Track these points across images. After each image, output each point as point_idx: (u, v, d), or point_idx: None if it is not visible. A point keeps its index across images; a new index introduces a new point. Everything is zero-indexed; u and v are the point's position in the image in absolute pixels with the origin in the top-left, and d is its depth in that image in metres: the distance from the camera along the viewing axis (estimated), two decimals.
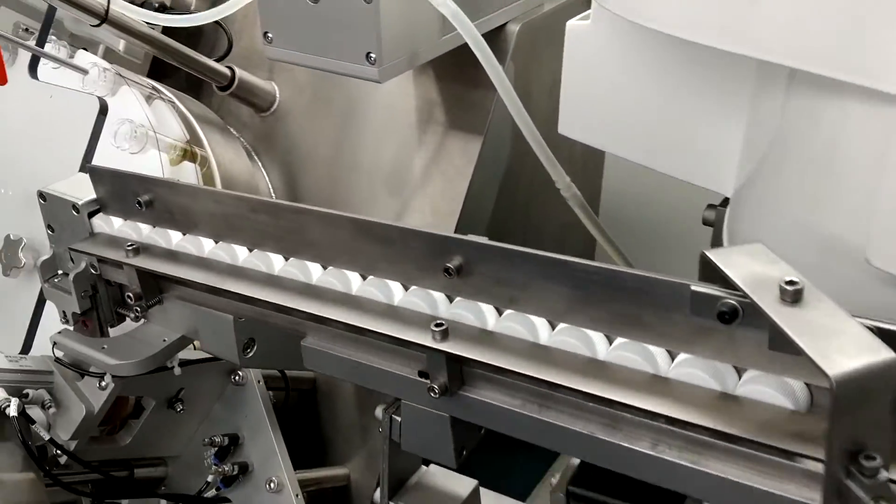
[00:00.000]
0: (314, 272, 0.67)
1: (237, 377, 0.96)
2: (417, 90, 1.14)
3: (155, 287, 0.77)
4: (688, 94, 0.80)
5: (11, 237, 0.96)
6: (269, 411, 0.97)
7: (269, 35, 0.91)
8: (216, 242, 0.74)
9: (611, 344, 0.53)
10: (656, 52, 0.80)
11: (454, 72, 1.09)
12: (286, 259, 0.69)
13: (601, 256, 1.62)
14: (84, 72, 0.96)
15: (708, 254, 0.48)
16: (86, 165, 0.79)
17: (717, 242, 0.88)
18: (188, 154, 1.03)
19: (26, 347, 0.93)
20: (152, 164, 0.97)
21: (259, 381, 0.96)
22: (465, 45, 0.88)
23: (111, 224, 0.80)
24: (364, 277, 0.64)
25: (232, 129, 1.24)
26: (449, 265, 0.56)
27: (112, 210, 0.80)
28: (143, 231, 0.78)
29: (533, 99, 1.10)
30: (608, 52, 0.85)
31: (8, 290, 0.99)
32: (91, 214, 0.81)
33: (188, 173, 1.01)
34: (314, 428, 1.14)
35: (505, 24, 1.06)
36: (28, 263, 0.96)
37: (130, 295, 0.77)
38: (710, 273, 0.48)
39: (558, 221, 1.33)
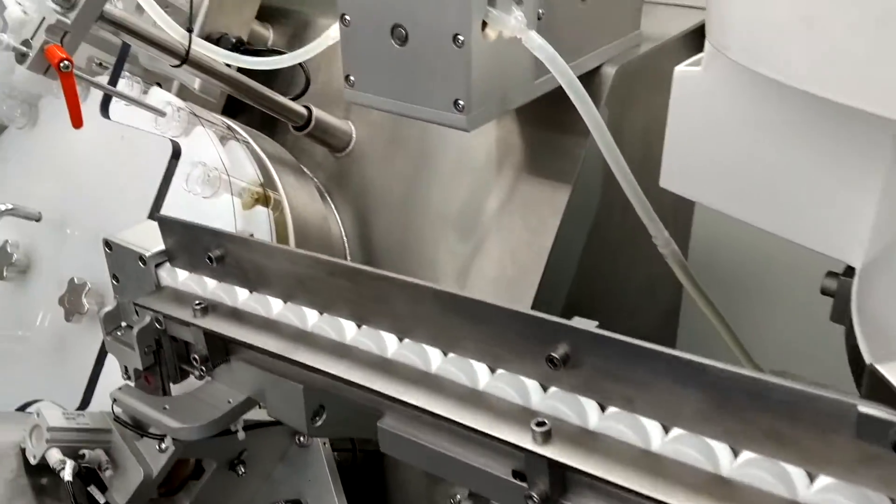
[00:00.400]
0: (389, 344, 0.61)
1: (301, 438, 0.90)
2: (499, 133, 1.08)
3: (222, 348, 0.72)
4: (814, 154, 0.72)
5: (76, 281, 0.93)
6: (334, 475, 0.91)
7: (352, 78, 0.86)
8: (285, 302, 0.68)
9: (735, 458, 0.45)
10: (781, 106, 0.71)
11: (540, 115, 1.03)
12: (359, 326, 0.63)
13: (688, 308, 1.53)
14: (160, 113, 0.93)
15: (879, 368, 0.40)
16: (155, 214, 0.74)
17: (839, 317, 0.79)
18: (261, 198, 0.98)
19: (85, 401, 0.90)
20: (224, 208, 0.93)
21: (325, 444, 0.90)
22: (555, 88, 0.82)
23: (177, 277, 0.76)
24: (445, 353, 0.58)
25: (306, 170, 1.20)
26: (554, 354, 0.49)
27: (179, 262, 0.76)
28: (209, 286, 0.73)
29: (625, 145, 1.02)
30: (722, 102, 0.77)
31: (69, 336, 0.95)
32: (158, 265, 0.77)
33: (260, 218, 0.97)
34: (380, 494, 1.08)
35: (600, 67, 1.00)
36: (91, 309, 0.93)
37: (196, 357, 0.72)
38: (879, 386, 0.40)
39: (646, 271, 1.24)
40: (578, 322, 0.50)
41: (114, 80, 0.92)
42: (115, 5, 0.93)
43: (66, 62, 0.78)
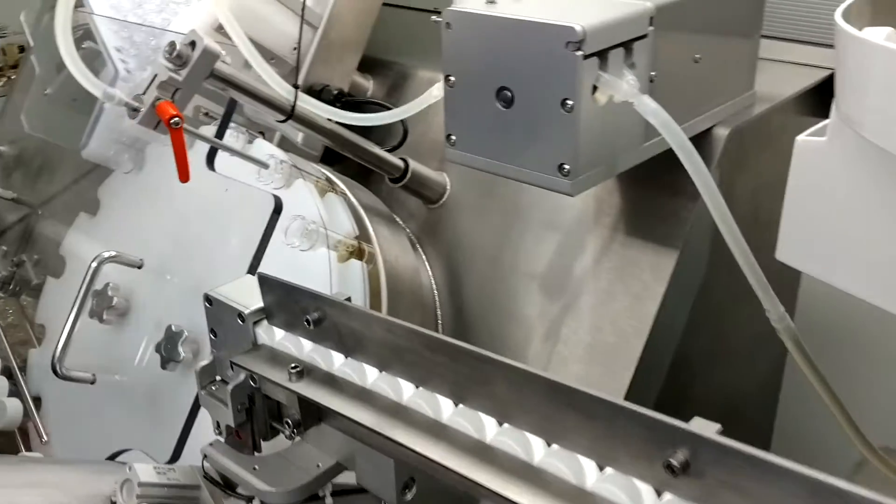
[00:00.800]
0: (489, 428, 0.58)
1: None
2: (597, 191, 1.05)
3: (314, 413, 0.71)
4: None
5: (173, 328, 0.95)
6: None
7: (454, 138, 0.85)
8: (381, 371, 0.67)
9: None
10: None
11: (642, 175, 0.99)
12: (456, 405, 0.61)
13: (791, 370, 1.45)
14: (264, 165, 0.94)
15: None
16: (257, 273, 0.74)
17: None
18: (356, 251, 0.98)
19: (176, 453, 0.90)
20: (320, 261, 0.93)
21: None
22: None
23: (274, 336, 0.76)
24: (549, 444, 0.55)
25: (399, 220, 1.20)
26: (672, 461, 0.46)
27: (277, 321, 0.76)
28: (305, 348, 0.73)
29: (734, 208, 0.98)
30: (847, 176, 0.73)
31: (164, 384, 0.97)
32: (255, 323, 0.77)
33: (355, 271, 0.96)
34: None
35: (711, 128, 0.96)
36: (187, 357, 0.94)
37: (289, 421, 0.72)
38: None
39: (750, 332, 1.18)
40: (699, 426, 0.46)
41: (220, 134, 0.94)
42: (223, 61, 0.95)
43: (176, 119, 0.79)
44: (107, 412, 1.02)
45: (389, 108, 1.17)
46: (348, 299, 0.72)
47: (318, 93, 1.17)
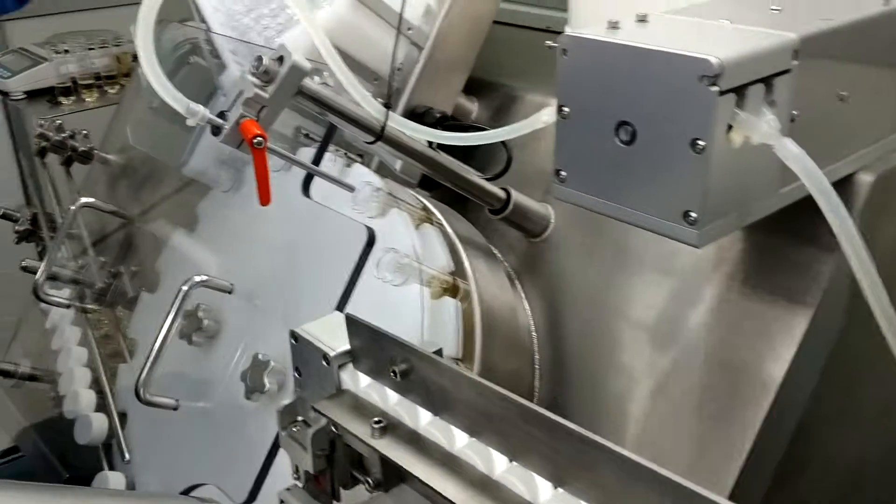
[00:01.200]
0: None
1: None
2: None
3: (397, 472, 0.66)
4: None
5: (260, 357, 0.91)
6: None
7: (563, 174, 0.78)
8: (470, 436, 0.61)
9: None
10: None
11: (771, 221, 0.90)
12: (555, 487, 0.54)
13: None
14: (350, 189, 0.90)
15: None
16: (345, 313, 0.69)
17: None
18: (450, 288, 0.92)
19: (253, 494, 0.87)
20: (412, 297, 0.88)
21: None
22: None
23: (359, 382, 0.71)
24: None
25: (497, 253, 1.13)
26: None
27: (363, 366, 0.71)
28: (390, 400, 0.67)
29: (876, 263, 0.87)
30: None
31: (247, 416, 0.93)
32: (341, 366, 0.72)
33: (448, 309, 0.91)
34: None
35: (853, 174, 0.85)
36: (271, 389, 0.90)
37: (370, 480, 0.66)
38: None
39: (882, 394, 1.07)
40: None
41: (318, 158, 0.91)
42: (325, 81, 0.92)
43: (259, 138, 0.76)
44: (188, 438, 1.00)
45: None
46: (439, 351, 0.66)
47: (420, 115, 1.13)
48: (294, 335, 0.75)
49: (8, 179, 1.63)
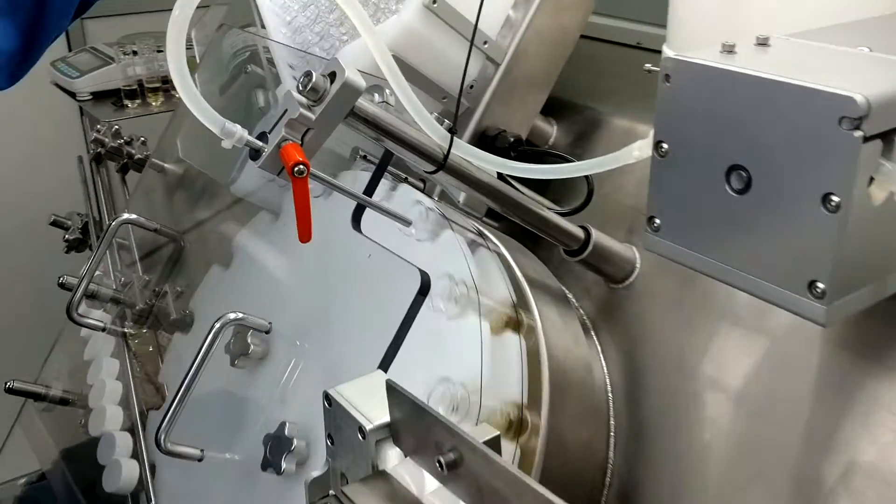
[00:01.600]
0: None
1: None
2: None
3: None
4: None
5: (287, 429, 0.81)
6: None
7: (657, 221, 0.66)
8: None
9: None
10: None
11: None
12: None
13: None
14: (406, 222, 0.79)
15: None
16: (386, 380, 0.59)
17: None
18: (512, 322, 0.81)
19: None
20: (470, 331, 0.77)
21: None
22: None
23: (398, 464, 0.60)
24: None
25: (571, 297, 1.01)
26: None
27: (404, 445, 0.60)
28: (433, 493, 0.56)
29: None
30: None
31: (271, 484, 0.83)
32: (378, 441, 0.61)
33: (510, 346, 0.80)
34: None
35: None
36: (289, 470, 0.79)
37: None
38: None
39: None
40: None
41: (371, 187, 0.80)
42: (386, 101, 0.82)
43: (301, 166, 0.66)
44: (214, 495, 0.91)
45: (569, 160, 1.00)
46: (496, 439, 0.55)
47: (492, 139, 1.02)
48: (328, 397, 0.64)
49: (73, 184, 1.59)
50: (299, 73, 1.02)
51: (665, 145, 0.64)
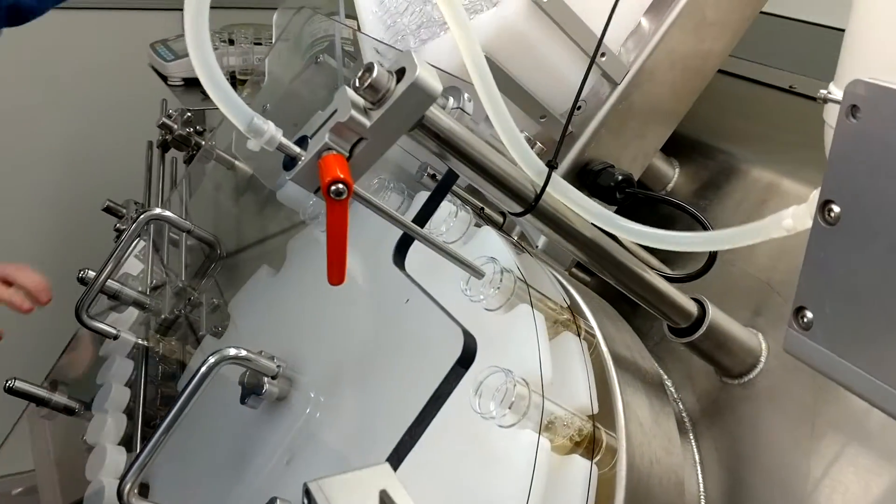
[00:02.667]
0: None
1: None
2: None
3: None
4: None
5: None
6: None
7: (808, 316, 0.47)
8: None
9: None
10: None
11: None
12: None
13: None
14: (479, 274, 0.62)
15: None
16: (380, 492, 0.42)
17: None
18: (586, 442, 0.62)
19: None
20: (522, 448, 0.58)
21: None
22: None
23: None
24: None
25: (669, 386, 0.81)
26: None
27: None
28: None
29: None
30: None
31: None
32: None
33: (576, 477, 0.61)
34: None
35: None
36: None
37: None
38: None
39: None
40: None
41: (424, 216, 0.63)
42: (464, 110, 0.65)
43: (341, 186, 0.49)
44: None
45: (695, 215, 0.80)
46: None
47: (594, 174, 0.84)
48: (307, 493, 0.47)
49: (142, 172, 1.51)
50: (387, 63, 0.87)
51: (836, 208, 0.44)
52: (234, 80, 1.82)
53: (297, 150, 0.54)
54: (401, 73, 0.54)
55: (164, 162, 1.43)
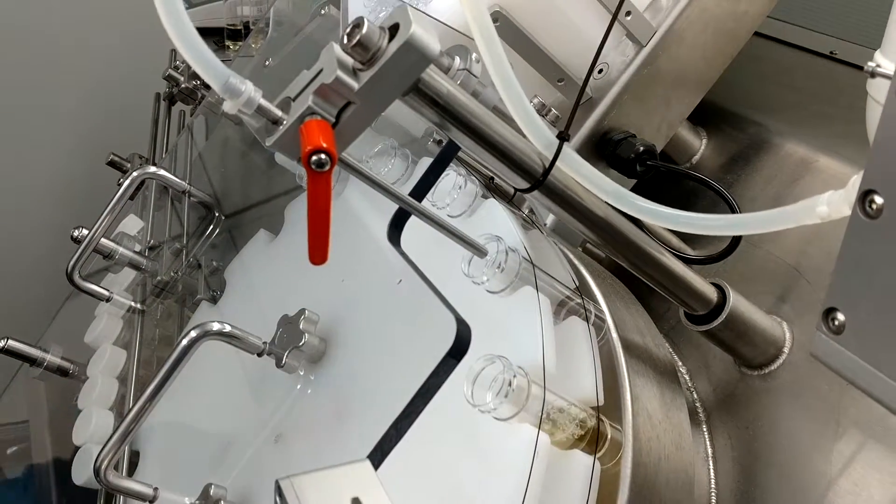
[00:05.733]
0: None
1: None
2: None
3: None
4: None
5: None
6: None
7: (840, 318, 0.42)
8: None
9: None
10: None
11: None
12: None
13: None
14: (481, 253, 0.57)
15: None
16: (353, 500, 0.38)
17: None
18: (588, 436, 0.58)
19: None
20: (520, 443, 0.54)
21: None
22: None
23: None
24: None
25: (683, 373, 0.77)
26: None
27: None
28: None
29: None
30: None
31: None
32: None
33: (576, 471, 0.57)
34: None
35: None
36: None
37: None
38: None
39: None
40: None
41: (422, 189, 0.59)
42: (470, 71, 0.60)
43: (323, 156, 0.45)
44: None
45: (721, 193, 0.74)
46: None
47: (613, 144, 0.78)
48: (279, 490, 0.44)
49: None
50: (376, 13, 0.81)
51: (879, 199, 0.39)
52: (248, 32, 1.77)
53: (279, 113, 0.49)
54: (394, 29, 0.49)
55: (170, 115, 1.39)
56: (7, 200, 1.97)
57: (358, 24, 0.48)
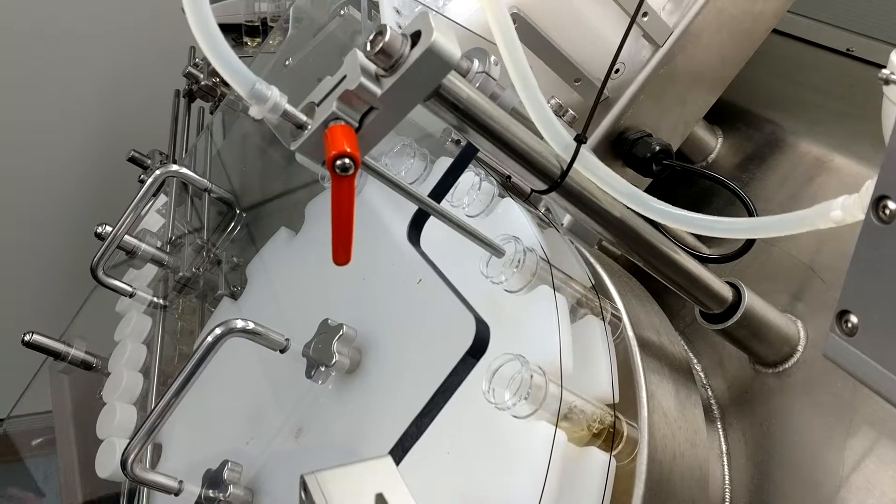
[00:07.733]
0: None
1: None
2: None
3: None
4: None
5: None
6: None
7: (853, 321, 0.43)
8: None
9: None
10: None
11: None
12: None
13: None
14: (499, 253, 0.59)
15: None
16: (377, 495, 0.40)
17: None
18: (605, 434, 0.59)
19: None
20: (538, 441, 0.55)
21: None
22: None
23: None
24: None
25: (699, 371, 0.77)
26: None
27: None
28: None
29: None
30: None
31: None
32: None
33: (593, 467, 0.58)
34: None
35: None
36: None
37: None
38: None
39: None
40: None
41: (441, 190, 0.60)
42: (490, 76, 0.61)
43: (347, 160, 0.46)
44: None
45: (738, 193, 0.75)
46: None
47: (629, 144, 0.79)
48: (304, 486, 0.45)
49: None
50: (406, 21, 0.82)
51: (893, 204, 0.40)
52: (266, 28, 1.78)
53: (304, 118, 0.51)
54: (416, 36, 0.50)
55: (189, 112, 1.40)
56: (30, 196, 1.99)
57: (381, 31, 0.49)
